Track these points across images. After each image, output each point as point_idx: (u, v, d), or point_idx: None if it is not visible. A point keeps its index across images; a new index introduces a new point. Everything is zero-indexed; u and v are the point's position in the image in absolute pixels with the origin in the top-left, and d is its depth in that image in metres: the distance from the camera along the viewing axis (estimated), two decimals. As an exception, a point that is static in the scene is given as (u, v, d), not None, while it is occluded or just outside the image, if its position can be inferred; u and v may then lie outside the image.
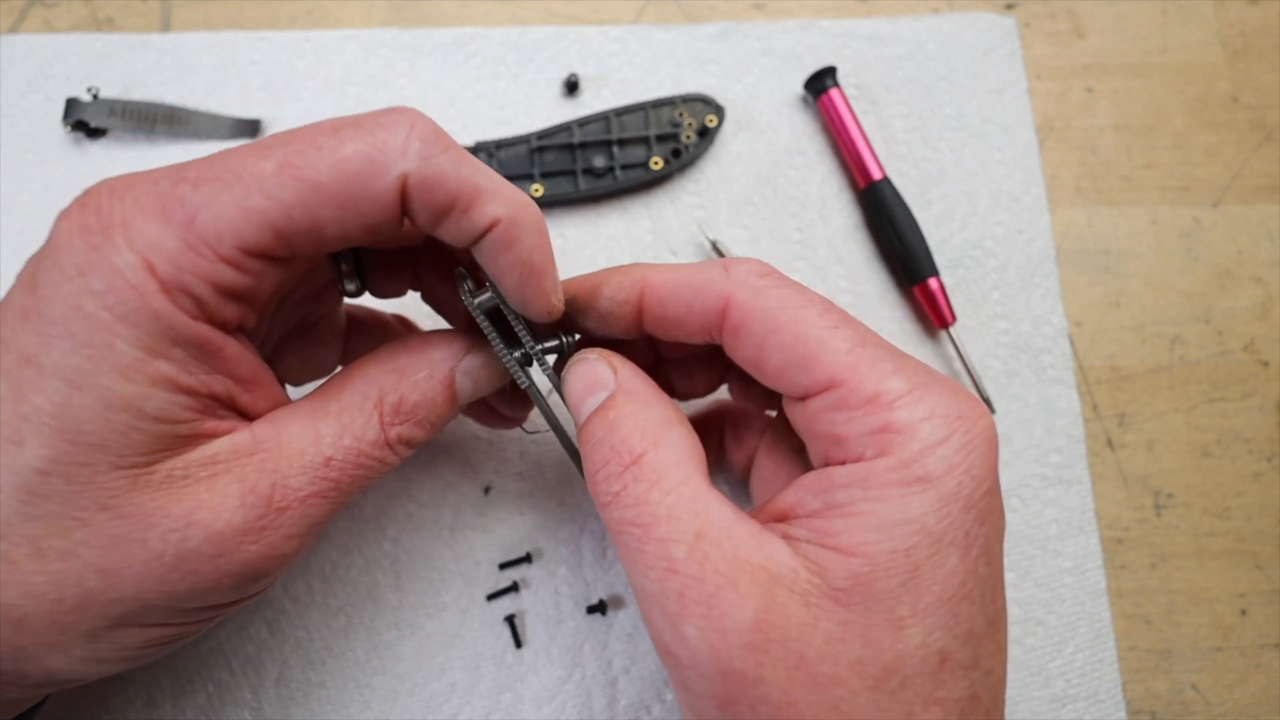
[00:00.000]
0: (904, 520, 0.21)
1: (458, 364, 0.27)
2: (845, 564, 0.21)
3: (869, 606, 0.21)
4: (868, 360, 0.23)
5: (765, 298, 0.24)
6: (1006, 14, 0.45)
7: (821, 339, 0.23)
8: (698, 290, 0.26)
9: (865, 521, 0.22)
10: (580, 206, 0.42)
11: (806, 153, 0.43)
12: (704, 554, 0.22)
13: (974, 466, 0.22)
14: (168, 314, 0.21)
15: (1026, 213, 0.42)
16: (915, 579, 0.21)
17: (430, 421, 0.27)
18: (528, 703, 0.35)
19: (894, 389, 0.23)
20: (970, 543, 0.22)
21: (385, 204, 0.23)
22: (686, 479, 0.23)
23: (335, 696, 0.35)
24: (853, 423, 0.23)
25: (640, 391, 0.26)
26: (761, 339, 0.24)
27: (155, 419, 0.22)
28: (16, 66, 0.42)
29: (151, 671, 0.35)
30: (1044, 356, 0.40)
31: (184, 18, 0.44)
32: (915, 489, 0.22)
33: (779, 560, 0.22)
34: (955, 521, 0.22)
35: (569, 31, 0.44)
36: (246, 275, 0.23)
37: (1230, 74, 0.45)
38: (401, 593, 0.36)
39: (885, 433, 0.22)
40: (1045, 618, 0.37)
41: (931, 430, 0.22)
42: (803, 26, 0.44)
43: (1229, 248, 0.42)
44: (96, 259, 0.21)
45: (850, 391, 0.23)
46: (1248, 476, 0.39)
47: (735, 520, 0.23)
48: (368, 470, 0.26)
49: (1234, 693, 0.37)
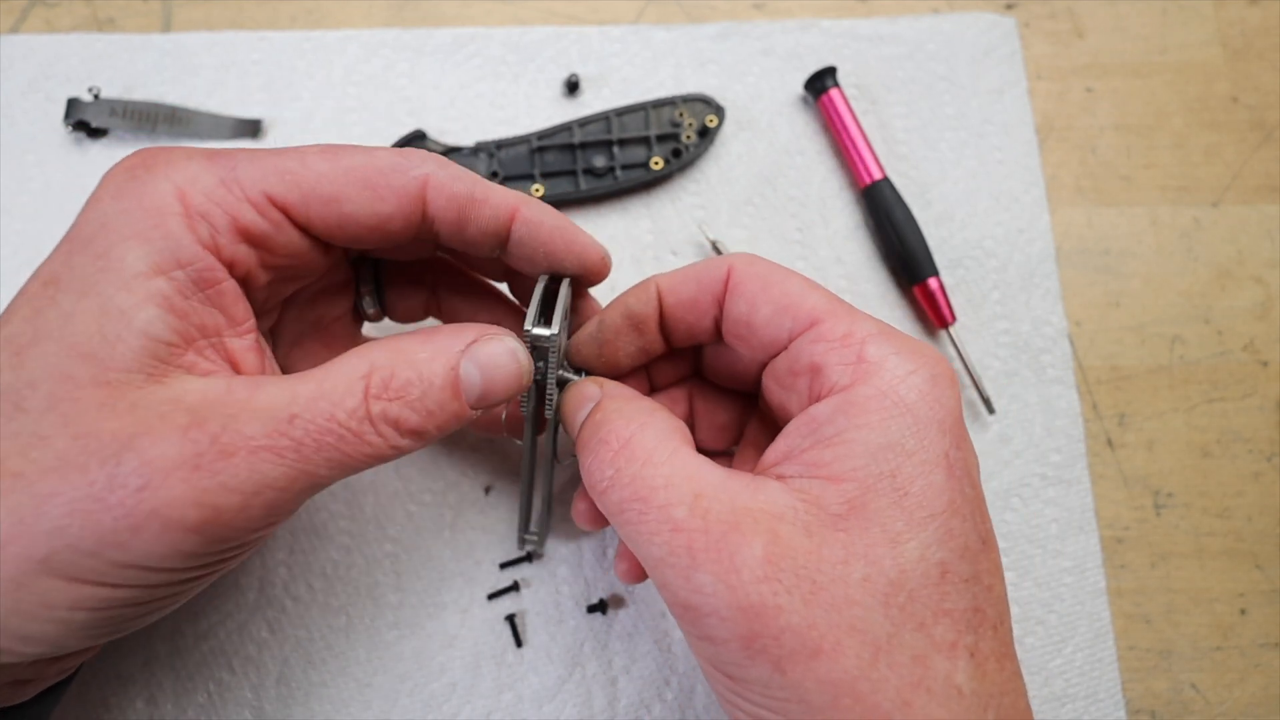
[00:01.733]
0: (886, 444, 0.23)
1: (465, 347, 0.26)
2: (838, 490, 0.23)
3: (865, 527, 0.23)
4: (842, 309, 0.26)
5: (758, 266, 0.28)
6: (1007, 14, 0.45)
7: (804, 292, 0.27)
8: (704, 269, 0.29)
9: (851, 449, 0.23)
10: (581, 206, 0.42)
11: (807, 153, 0.43)
12: (705, 509, 0.23)
13: (942, 397, 0.24)
14: (179, 235, 0.23)
15: (1026, 213, 0.42)
16: (905, 497, 0.23)
17: (426, 407, 0.25)
18: (528, 702, 0.35)
19: (864, 329, 0.25)
20: (950, 463, 0.23)
21: (406, 194, 0.26)
22: (675, 451, 0.25)
23: (336, 696, 0.35)
24: (832, 352, 0.25)
25: (623, 393, 0.29)
26: (755, 294, 0.27)
27: (142, 332, 0.23)
28: (17, 66, 0.42)
29: (152, 670, 0.35)
30: (1044, 356, 0.40)
31: (185, 18, 0.44)
32: (893, 413, 0.23)
33: (776, 500, 0.23)
34: (934, 443, 0.23)
35: (569, 31, 0.44)
36: (264, 220, 0.25)
37: (1230, 74, 0.45)
38: (402, 592, 0.37)
39: (860, 363, 0.25)
40: (1045, 617, 0.37)
41: (899, 363, 0.24)
42: (803, 26, 0.44)
43: (1229, 248, 0.42)
44: (133, 187, 0.24)
45: (828, 328, 0.26)
46: (1247, 476, 0.40)
47: (729, 476, 0.24)
48: (340, 443, 0.23)
49: (1233, 692, 0.37)
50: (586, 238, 0.29)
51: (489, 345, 0.26)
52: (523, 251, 0.28)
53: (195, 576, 0.24)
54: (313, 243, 0.27)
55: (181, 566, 0.23)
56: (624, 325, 0.30)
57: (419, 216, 0.27)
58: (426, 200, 0.27)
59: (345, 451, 0.23)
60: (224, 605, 0.36)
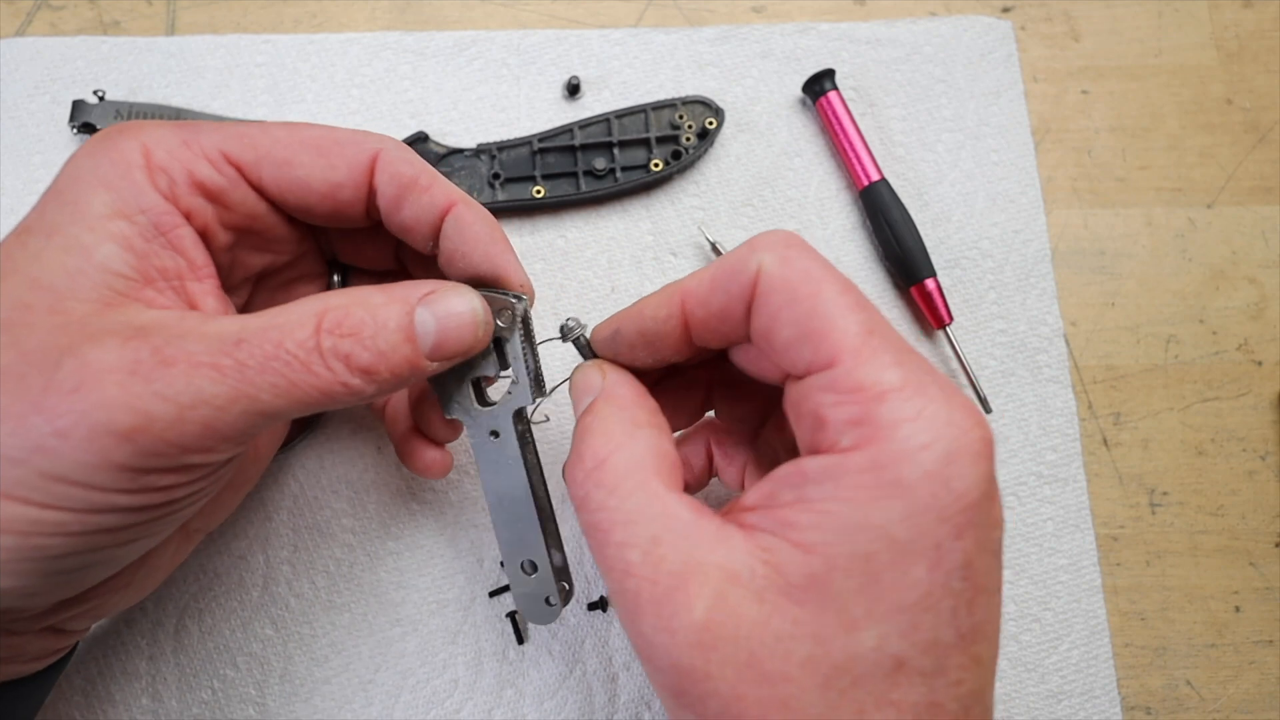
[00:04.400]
0: (868, 525, 0.21)
1: (423, 297, 0.26)
2: (803, 561, 0.21)
3: (823, 605, 0.21)
4: (871, 348, 0.22)
5: (790, 267, 0.24)
6: (1003, 17, 0.46)
7: (833, 316, 0.23)
8: (732, 274, 0.25)
9: (829, 520, 0.21)
10: (581, 208, 0.42)
11: (805, 154, 0.43)
12: (660, 557, 0.22)
13: (955, 478, 0.21)
14: (140, 184, 0.25)
15: (1023, 214, 0.43)
16: (873, 584, 0.21)
17: (378, 347, 0.24)
18: (529, 698, 0.36)
19: (885, 381, 0.22)
20: (941, 555, 0.21)
21: (356, 164, 0.27)
22: (643, 484, 0.24)
23: (339, 693, 0.36)
24: (837, 407, 0.22)
25: (619, 395, 0.27)
26: (778, 308, 0.24)
27: (101, 265, 0.24)
28: (23, 69, 0.42)
29: (157, 666, 0.35)
30: (1040, 356, 0.41)
31: (189, 21, 0.44)
32: (885, 493, 0.21)
33: (735, 558, 0.22)
34: (926, 533, 0.21)
35: (570, 34, 0.44)
36: (219, 175, 0.26)
37: (1225, 76, 0.45)
38: (405, 590, 0.37)
39: (865, 425, 0.21)
40: (1041, 614, 0.38)
41: (913, 433, 0.21)
42: (801, 29, 0.45)
43: (1223, 248, 0.43)
44: (104, 146, 0.25)
45: (844, 373, 0.22)
46: (1241, 475, 0.40)
47: (694, 522, 0.23)
48: (286, 369, 0.23)
49: (1228, 689, 0.37)
50: (510, 259, 0.29)
51: (446, 296, 0.26)
52: (449, 248, 0.29)
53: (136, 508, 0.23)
54: (271, 208, 0.28)
55: (114, 486, 0.22)
56: (639, 342, 0.28)
57: (368, 189, 0.28)
58: (374, 174, 0.28)
59: (290, 379, 0.23)
60: (228, 602, 0.36)
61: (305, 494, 0.38)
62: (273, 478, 0.38)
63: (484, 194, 0.41)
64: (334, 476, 0.38)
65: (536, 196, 0.41)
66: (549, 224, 0.42)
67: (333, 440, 0.38)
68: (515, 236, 0.42)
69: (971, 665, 0.21)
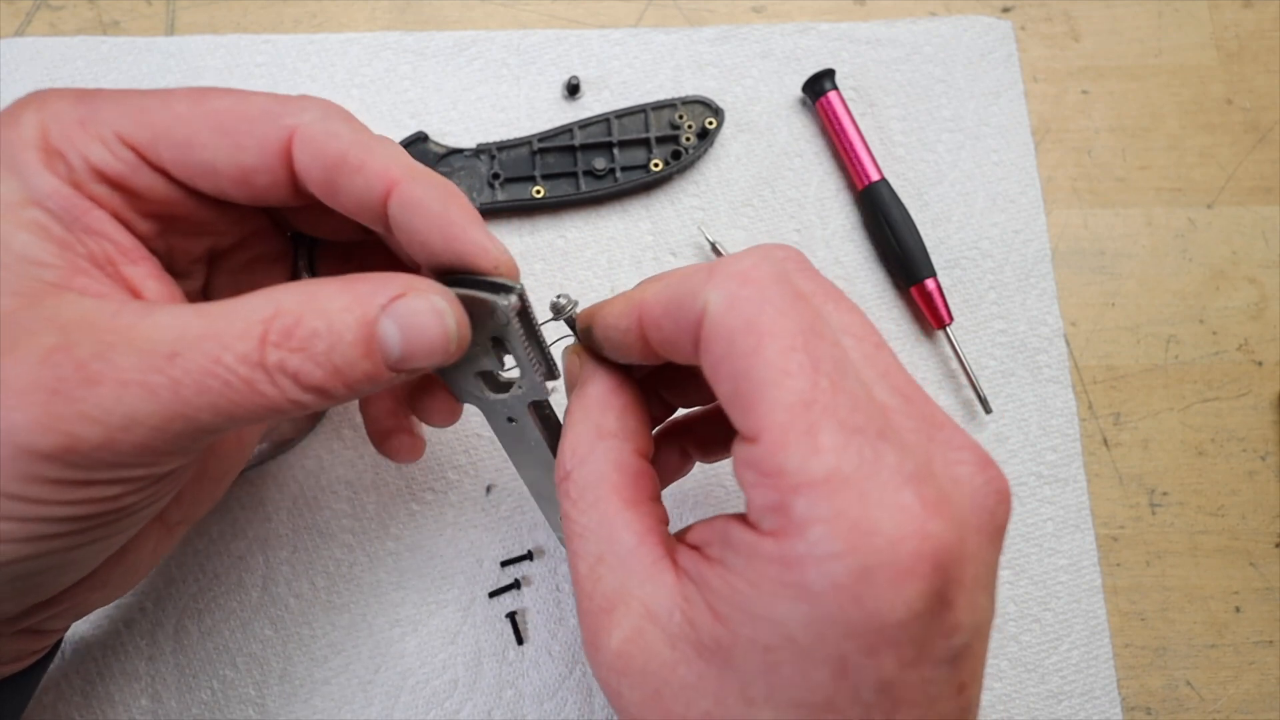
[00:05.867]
0: (770, 619, 0.19)
1: (387, 302, 0.22)
2: (712, 626, 0.21)
3: (725, 672, 0.20)
4: (803, 425, 0.19)
5: (735, 314, 0.21)
6: (1003, 17, 0.46)
7: (767, 382, 0.20)
8: (682, 306, 0.22)
9: (737, 598, 0.20)
10: (581, 208, 0.42)
11: (805, 154, 0.43)
12: (599, 576, 0.23)
13: (868, 597, 0.18)
14: (38, 172, 0.23)
15: (1023, 214, 0.43)
16: (773, 673, 0.20)
17: (332, 363, 0.22)
18: (529, 699, 0.36)
19: (808, 471, 0.19)
20: (847, 668, 0.19)
21: (268, 144, 0.24)
22: (598, 501, 0.24)
23: (339, 693, 0.36)
24: (757, 488, 0.20)
25: (589, 398, 0.26)
26: (717, 362, 0.21)
27: (20, 257, 0.22)
28: (22, 69, 0.42)
29: (157, 667, 0.35)
30: (1040, 356, 0.41)
31: (189, 21, 0.44)
32: (789, 593, 0.19)
33: (659, 599, 0.22)
34: (829, 643, 0.19)
35: (570, 34, 0.44)
36: (116, 160, 0.23)
37: (1225, 76, 0.45)
38: (404, 590, 0.37)
39: (780, 514, 0.19)
40: (1041, 614, 0.38)
41: (824, 537, 0.18)
42: (801, 29, 0.45)
43: (1223, 248, 0.43)
44: (8, 121, 0.23)
45: (766, 454, 0.20)
46: (1241, 475, 0.40)
47: (634, 549, 0.23)
48: (225, 389, 0.21)
49: (1228, 689, 0.37)
50: (474, 235, 0.25)
51: (413, 301, 0.23)
52: (402, 236, 0.25)
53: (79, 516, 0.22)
54: (190, 193, 0.25)
55: (50, 498, 0.21)
56: (606, 346, 0.26)
57: (287, 172, 0.24)
58: (292, 154, 0.24)
59: (231, 399, 0.21)
60: (228, 603, 0.36)
61: (305, 494, 0.38)
62: (273, 477, 0.38)
63: (484, 194, 0.41)
64: (334, 476, 0.38)
65: (536, 196, 0.41)
66: (549, 224, 0.42)
67: (333, 440, 0.38)
68: (515, 236, 0.42)
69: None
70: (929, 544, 0.18)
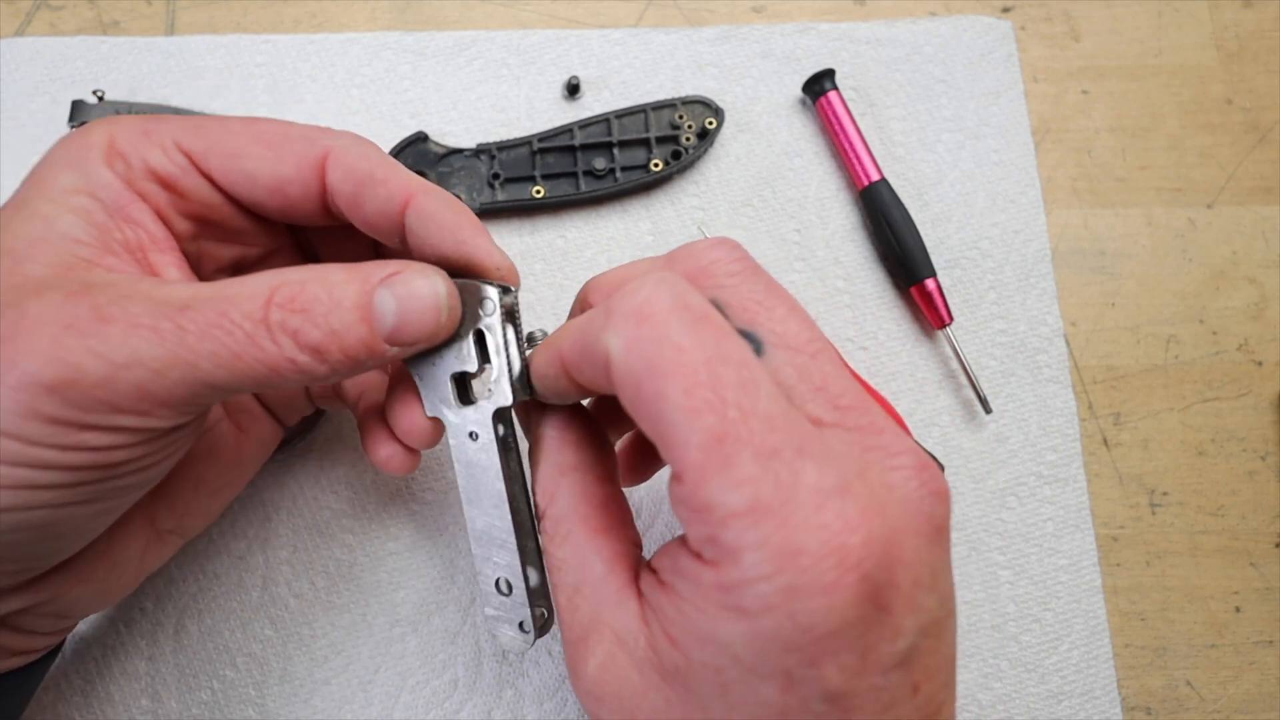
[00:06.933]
0: (715, 640, 0.20)
1: (386, 276, 0.25)
2: (669, 651, 0.22)
3: (687, 695, 0.22)
4: (718, 461, 0.20)
5: (634, 357, 0.21)
6: (1003, 17, 0.46)
7: (677, 424, 0.20)
8: (589, 349, 0.22)
9: (686, 623, 0.21)
10: (581, 208, 0.42)
11: (805, 154, 0.43)
12: (576, 606, 0.25)
13: (801, 612, 0.19)
14: (97, 165, 0.26)
15: (1023, 214, 0.43)
16: (726, 693, 0.21)
17: (330, 326, 0.24)
18: (529, 699, 0.36)
19: (729, 504, 0.20)
20: (793, 681, 0.20)
21: (305, 160, 0.27)
22: (569, 534, 0.26)
23: (339, 693, 0.36)
24: (690, 524, 0.21)
25: (544, 437, 0.28)
26: (631, 406, 0.21)
27: (62, 234, 0.24)
28: (22, 69, 0.42)
29: (156, 667, 0.35)
30: (1040, 356, 0.41)
31: (188, 21, 0.44)
32: (730, 615, 0.20)
33: (627, 625, 0.23)
34: (771, 659, 0.20)
35: (570, 35, 0.44)
36: (170, 163, 0.27)
37: (1225, 76, 0.45)
38: (404, 590, 0.37)
39: (714, 544, 0.20)
40: (1041, 614, 0.38)
41: (755, 563, 0.19)
42: (801, 29, 0.45)
43: (1223, 249, 0.43)
44: (76, 136, 0.26)
45: (690, 493, 0.20)
46: (1242, 475, 0.40)
47: (604, 579, 0.25)
48: (228, 338, 0.22)
49: (1228, 689, 0.37)
50: (481, 243, 0.27)
51: (410, 276, 0.25)
52: (416, 243, 0.27)
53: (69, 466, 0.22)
54: (226, 200, 0.28)
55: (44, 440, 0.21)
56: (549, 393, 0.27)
57: (318, 186, 0.27)
58: (326, 170, 0.27)
59: (233, 350, 0.22)
60: (228, 603, 0.36)
61: (305, 494, 0.38)
62: (273, 477, 0.38)
63: (484, 194, 0.41)
64: (334, 476, 0.38)
65: (536, 196, 0.41)
66: (549, 224, 0.42)
67: (333, 440, 0.38)
68: (515, 236, 0.42)
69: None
70: (852, 556, 0.19)
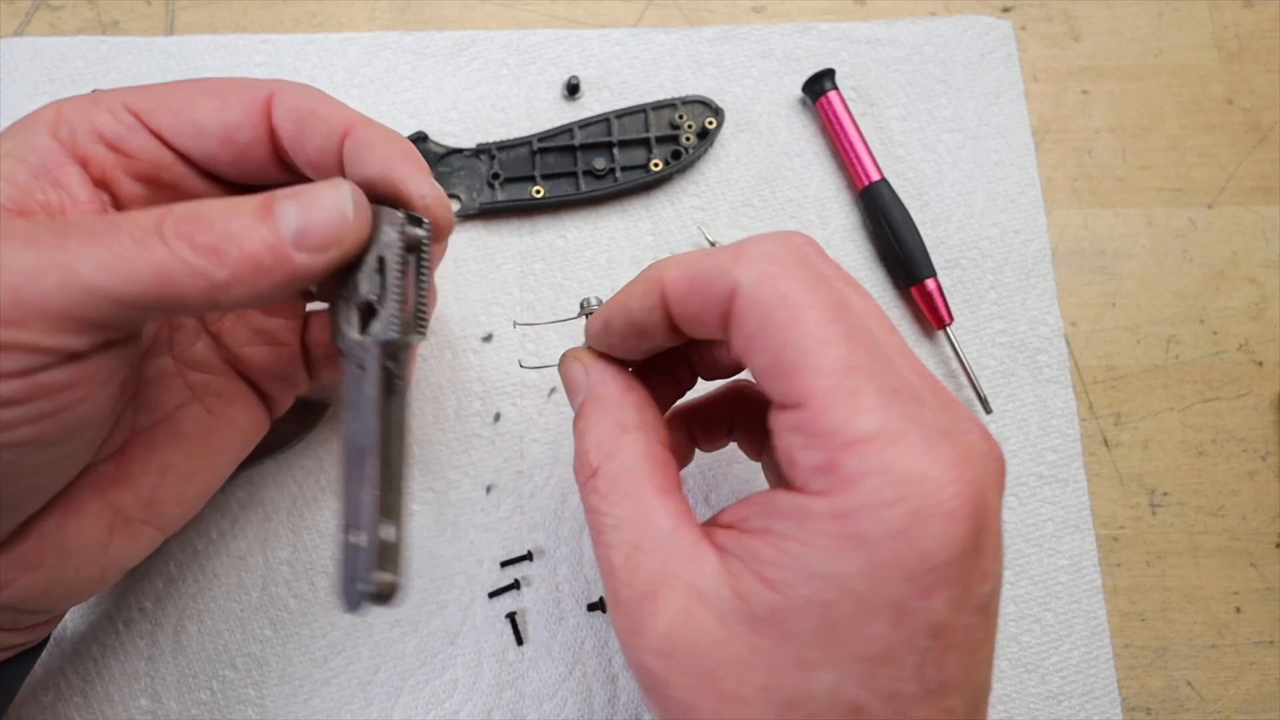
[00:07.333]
0: (827, 574, 0.20)
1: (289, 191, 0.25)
2: (765, 595, 0.21)
3: (780, 640, 0.21)
4: (846, 389, 0.21)
5: (768, 290, 0.22)
6: (1003, 17, 0.46)
7: (808, 351, 0.21)
8: (707, 282, 0.24)
9: (791, 561, 0.21)
10: (581, 208, 0.42)
11: (805, 154, 0.43)
12: (636, 564, 0.24)
13: (923, 539, 0.20)
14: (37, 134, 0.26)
15: (1023, 214, 0.42)
16: (830, 631, 0.20)
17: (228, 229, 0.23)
18: (529, 699, 0.36)
19: (856, 429, 0.20)
20: (904, 614, 0.20)
21: (250, 103, 0.28)
22: (631, 490, 0.25)
23: (338, 694, 0.36)
24: (804, 450, 0.21)
25: (602, 396, 0.27)
26: (752, 335, 0.22)
27: None
28: (22, 69, 0.42)
29: (156, 667, 0.35)
30: (1040, 356, 0.41)
31: (188, 21, 0.44)
32: (847, 545, 0.20)
33: (704, 577, 0.23)
34: (887, 590, 0.20)
35: (570, 34, 0.44)
36: (117, 123, 0.27)
37: (1225, 76, 0.45)
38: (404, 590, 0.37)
39: (831, 472, 0.21)
40: (1041, 615, 0.38)
41: (879, 487, 0.20)
42: (801, 29, 0.45)
43: (1224, 249, 0.43)
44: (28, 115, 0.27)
45: (813, 417, 0.21)
46: (1242, 475, 0.40)
47: (673, 533, 0.24)
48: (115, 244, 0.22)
49: (1229, 689, 0.37)
50: (408, 169, 0.27)
51: (316, 187, 0.25)
52: (352, 174, 0.27)
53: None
54: (178, 158, 0.28)
55: None
56: (630, 332, 0.27)
57: (265, 129, 0.28)
58: (271, 111, 0.28)
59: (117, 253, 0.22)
60: (227, 604, 0.36)
61: (305, 494, 0.38)
62: (273, 478, 0.38)
63: (484, 194, 0.41)
64: (334, 477, 0.38)
65: (536, 196, 0.41)
66: (549, 224, 0.42)
67: (332, 440, 0.38)
68: (515, 236, 0.42)
69: (942, 717, 0.21)
70: (969, 489, 0.20)
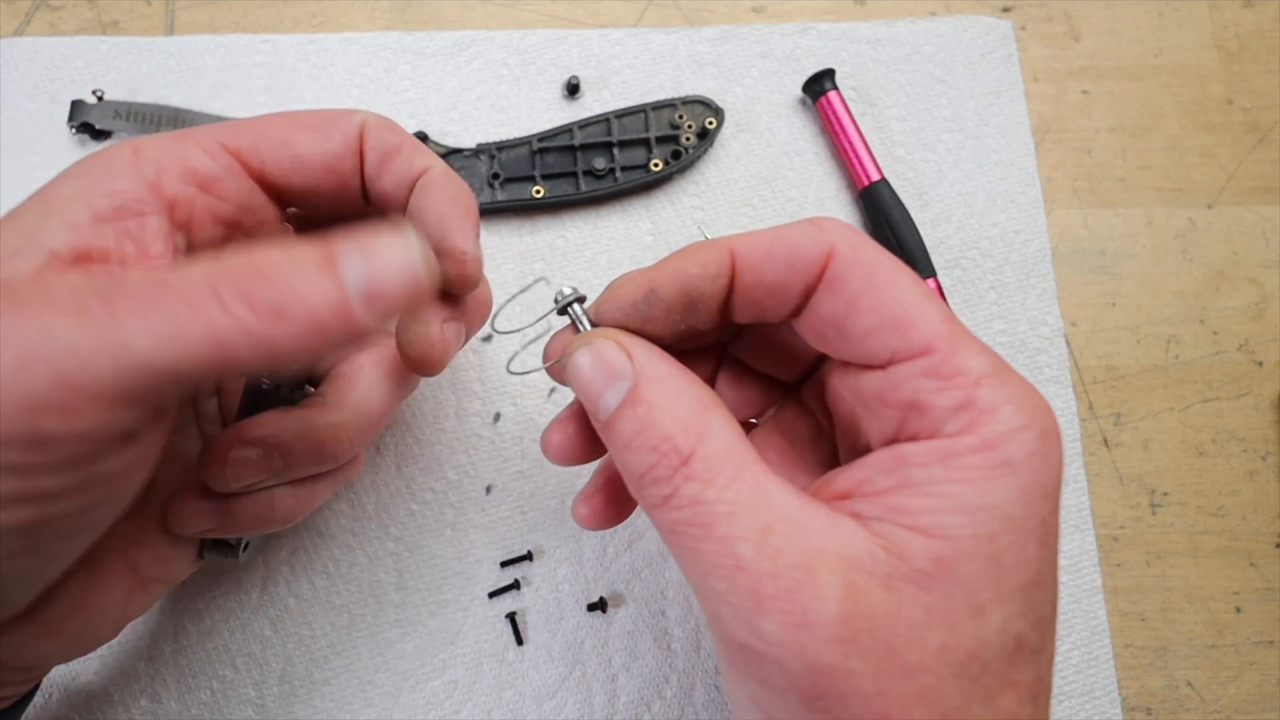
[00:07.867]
0: (988, 505, 0.21)
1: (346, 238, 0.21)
2: (927, 545, 0.21)
3: (950, 590, 0.20)
4: (957, 335, 0.23)
5: (864, 253, 0.24)
6: (1003, 17, 0.46)
7: (918, 304, 0.23)
8: (795, 247, 0.24)
9: (947, 503, 0.21)
10: (581, 208, 0.42)
11: (805, 154, 0.43)
12: (774, 549, 0.21)
13: (1050, 455, 0.22)
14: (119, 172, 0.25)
15: (1023, 214, 0.42)
16: (997, 565, 0.21)
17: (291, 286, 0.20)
18: (529, 699, 0.36)
19: (979, 367, 0.22)
20: (1046, 530, 0.22)
21: (349, 135, 0.28)
22: (741, 470, 0.22)
23: (338, 694, 0.36)
24: (940, 393, 0.22)
25: (666, 376, 0.24)
26: (857, 295, 0.23)
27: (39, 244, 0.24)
28: (22, 69, 0.42)
29: (156, 668, 0.35)
30: (1040, 356, 0.41)
31: (188, 20, 0.44)
32: (999, 473, 0.21)
33: (854, 544, 0.21)
34: (1035, 509, 0.21)
35: (570, 34, 0.44)
36: (213, 162, 0.27)
37: (1225, 76, 0.45)
38: (404, 590, 0.37)
39: (969, 409, 0.22)
40: (1041, 615, 0.38)
41: (1013, 414, 0.21)
42: (801, 29, 0.45)
43: (1224, 248, 0.43)
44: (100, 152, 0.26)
45: (943, 360, 0.22)
46: (1242, 475, 0.40)
47: (801, 507, 0.21)
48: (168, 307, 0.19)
49: (1229, 689, 0.37)
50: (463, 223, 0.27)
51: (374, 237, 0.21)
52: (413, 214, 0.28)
53: None
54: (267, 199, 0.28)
55: None
56: (680, 303, 0.25)
57: (358, 161, 0.29)
58: (363, 142, 0.28)
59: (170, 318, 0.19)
60: (227, 604, 0.36)
61: (304, 494, 0.38)
62: (272, 478, 0.38)
63: (484, 194, 0.41)
64: (333, 477, 0.38)
65: (536, 196, 0.41)
66: (549, 224, 0.42)
67: (332, 440, 0.38)
68: (515, 237, 0.42)
69: (1054, 635, 0.22)
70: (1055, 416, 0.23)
